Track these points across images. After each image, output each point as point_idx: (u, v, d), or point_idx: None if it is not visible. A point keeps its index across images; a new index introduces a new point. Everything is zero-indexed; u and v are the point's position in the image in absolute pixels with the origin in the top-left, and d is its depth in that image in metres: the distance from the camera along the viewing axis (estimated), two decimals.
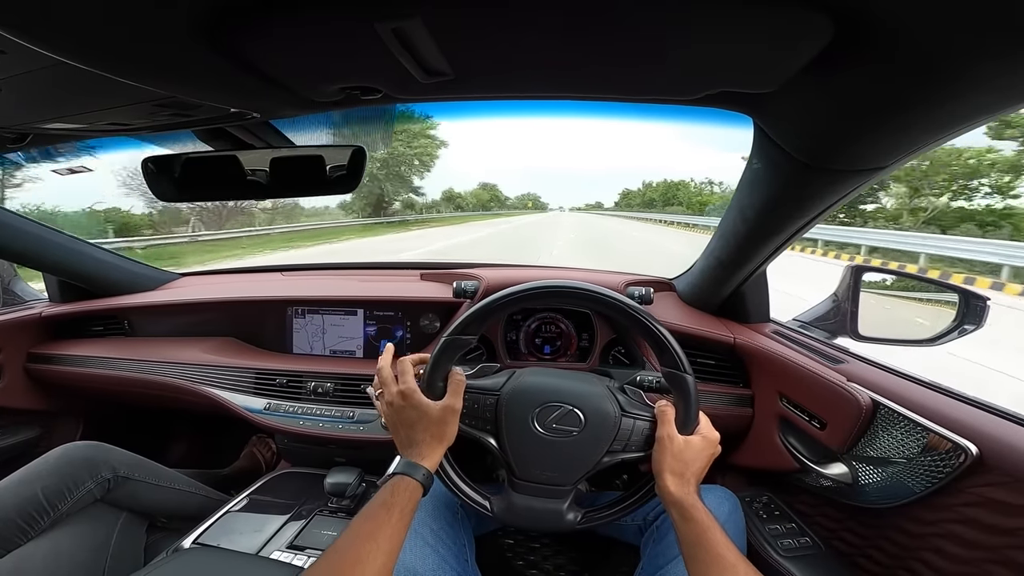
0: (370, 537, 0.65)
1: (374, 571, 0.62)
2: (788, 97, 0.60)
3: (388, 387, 0.81)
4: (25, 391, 1.59)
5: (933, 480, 0.77)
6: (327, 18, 0.48)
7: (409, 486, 0.72)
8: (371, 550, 0.63)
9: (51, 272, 1.60)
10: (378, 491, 0.72)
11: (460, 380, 0.82)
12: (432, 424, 0.77)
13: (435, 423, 0.77)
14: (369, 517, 0.68)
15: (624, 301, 0.81)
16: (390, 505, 0.69)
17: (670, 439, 0.77)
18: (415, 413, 0.78)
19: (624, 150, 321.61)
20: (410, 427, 0.78)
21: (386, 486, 0.72)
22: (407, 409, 0.78)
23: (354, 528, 0.67)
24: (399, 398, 0.78)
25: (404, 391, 0.78)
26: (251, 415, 1.34)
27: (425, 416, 0.77)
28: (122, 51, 0.51)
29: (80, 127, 0.81)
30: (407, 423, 0.78)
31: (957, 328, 1.02)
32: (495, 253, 13.66)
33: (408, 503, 0.70)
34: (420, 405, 0.78)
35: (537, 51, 0.55)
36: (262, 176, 0.89)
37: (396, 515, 0.68)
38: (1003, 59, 0.43)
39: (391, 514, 0.68)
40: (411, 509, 0.71)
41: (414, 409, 0.78)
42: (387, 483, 0.72)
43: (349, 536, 0.66)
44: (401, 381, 0.80)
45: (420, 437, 0.77)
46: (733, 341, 1.21)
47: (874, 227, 17.08)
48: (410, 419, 0.78)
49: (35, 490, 1.00)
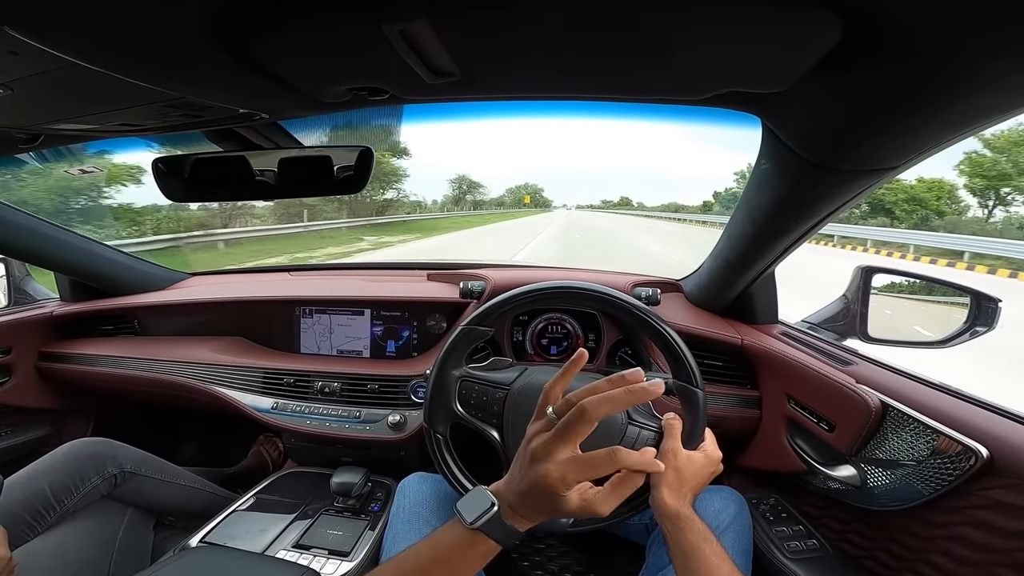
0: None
1: None
2: (797, 97, 0.60)
3: (580, 427, 0.53)
4: (36, 389, 1.61)
5: (942, 483, 0.77)
6: (335, 19, 0.48)
7: (487, 550, 0.57)
8: None
9: (62, 272, 1.62)
10: (447, 531, 0.58)
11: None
12: (557, 506, 0.55)
13: (558, 508, 0.56)
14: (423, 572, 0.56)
15: (652, 314, 0.81)
16: (453, 568, 0.56)
17: (674, 453, 0.77)
18: (543, 499, 0.55)
19: (627, 150, 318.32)
20: (541, 496, 0.55)
21: (458, 535, 0.57)
22: (539, 489, 0.55)
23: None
24: (541, 471, 0.54)
25: (551, 476, 0.54)
26: (259, 414, 1.35)
27: (545, 509, 0.57)
28: (133, 53, 0.51)
29: (92, 128, 0.82)
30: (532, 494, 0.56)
31: (969, 330, 1.01)
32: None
33: (473, 570, 0.57)
34: (557, 498, 0.54)
35: (544, 51, 0.55)
36: (270, 176, 0.90)
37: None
38: (1015, 57, 0.43)
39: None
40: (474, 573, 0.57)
41: (545, 496, 0.55)
42: (460, 532, 0.57)
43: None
44: (557, 451, 0.54)
45: (539, 507, 0.57)
46: (741, 342, 1.20)
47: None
48: (535, 497, 0.56)
49: (42, 486, 1.01)
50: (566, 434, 0.53)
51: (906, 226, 19.61)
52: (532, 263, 1.79)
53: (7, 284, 1.63)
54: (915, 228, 18.74)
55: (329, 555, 1.06)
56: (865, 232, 15.28)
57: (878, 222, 20.37)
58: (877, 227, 16.97)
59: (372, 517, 1.18)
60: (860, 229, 15.90)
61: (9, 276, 1.63)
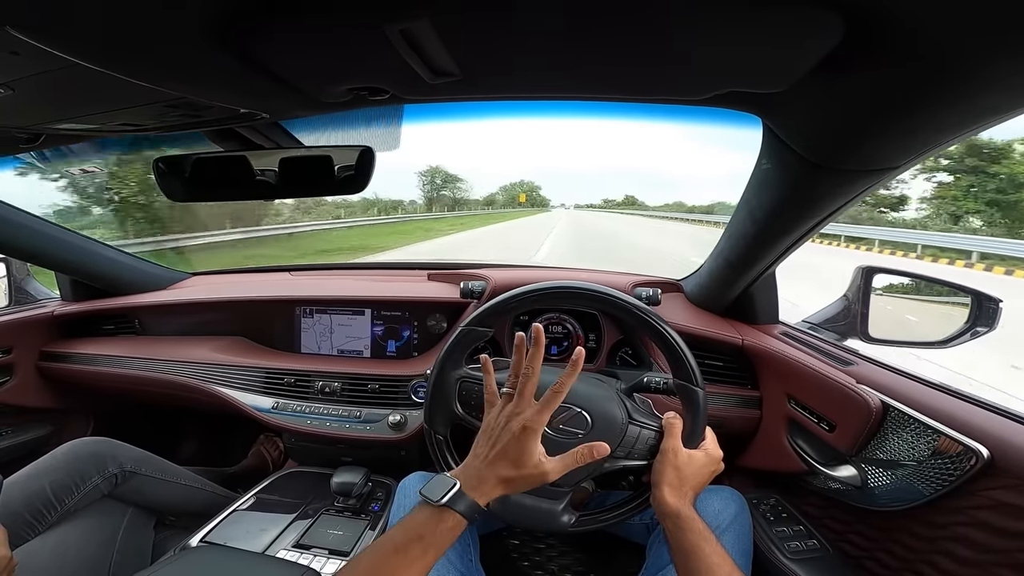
0: (392, 574, 0.58)
1: None
2: (798, 97, 0.60)
3: (524, 402, 0.68)
4: (37, 389, 1.61)
5: (943, 483, 0.77)
6: (335, 20, 0.48)
7: (455, 524, 0.62)
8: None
9: (64, 271, 1.62)
10: (418, 511, 0.64)
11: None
12: (521, 473, 0.66)
13: (523, 475, 0.66)
14: (399, 549, 0.60)
15: (652, 314, 0.81)
16: (428, 542, 0.60)
17: (674, 452, 0.78)
18: (518, 453, 0.66)
19: (624, 149, 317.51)
20: (502, 461, 0.66)
21: (429, 514, 0.63)
22: (516, 443, 0.66)
23: (380, 556, 0.60)
24: (521, 428, 0.66)
25: (533, 428, 0.66)
26: (259, 414, 1.35)
27: (523, 462, 0.66)
28: (133, 53, 0.51)
29: (92, 127, 0.82)
30: (505, 455, 0.66)
31: (969, 330, 1.01)
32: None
33: (447, 541, 0.62)
34: (531, 451, 0.66)
35: (545, 52, 0.55)
36: (271, 176, 0.90)
37: (432, 553, 0.61)
38: (1019, 57, 0.43)
39: (426, 551, 0.60)
40: (448, 546, 0.62)
41: (522, 448, 0.66)
42: (429, 511, 0.63)
43: (372, 564, 0.60)
44: (538, 408, 0.67)
45: (499, 475, 0.66)
46: (741, 342, 1.20)
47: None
48: (508, 454, 0.66)
49: (42, 485, 1.01)
50: (523, 393, 0.68)
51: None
52: (534, 263, 1.79)
53: (8, 284, 1.63)
54: None
55: (329, 555, 1.06)
56: (873, 232, 15.26)
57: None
58: (880, 227, 16.82)
59: (372, 517, 1.18)
60: (867, 229, 15.86)
61: (10, 276, 1.64)
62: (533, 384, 0.68)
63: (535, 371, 0.68)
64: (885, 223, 19.62)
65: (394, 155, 0.95)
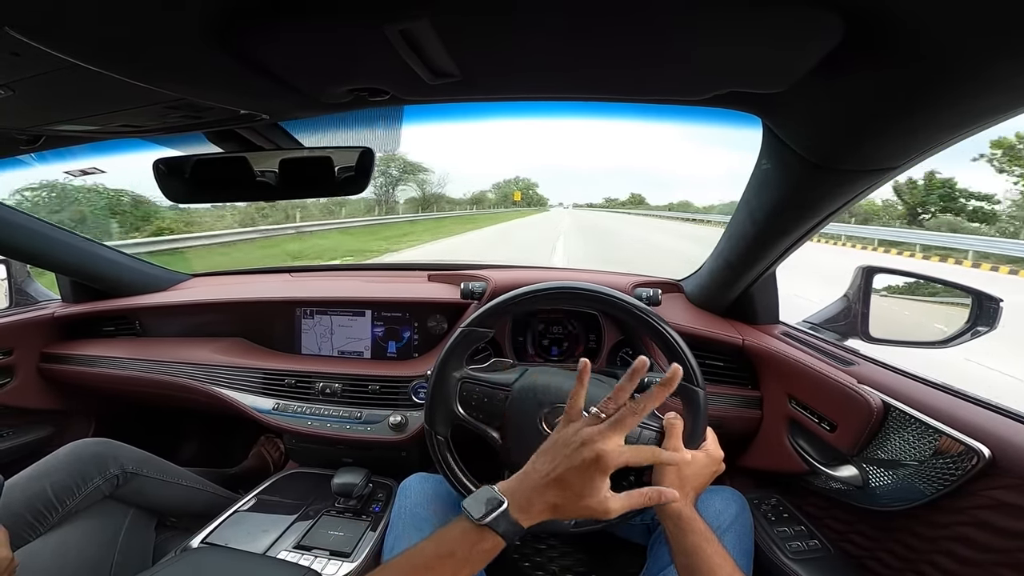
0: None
1: None
2: (798, 97, 0.60)
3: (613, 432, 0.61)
4: (38, 390, 1.61)
5: (944, 483, 0.76)
6: (336, 20, 0.48)
7: (493, 545, 0.58)
8: None
9: (64, 273, 1.62)
10: (456, 526, 0.60)
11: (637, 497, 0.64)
12: (577, 504, 0.60)
13: (579, 506, 0.60)
14: (430, 567, 0.57)
15: (653, 315, 0.81)
16: (461, 561, 0.57)
17: (674, 452, 0.77)
18: (582, 483, 0.60)
19: (623, 148, 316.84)
20: (560, 486, 0.60)
21: (467, 532, 0.59)
22: (586, 471, 0.59)
23: (407, 571, 0.58)
24: (595, 456, 0.59)
25: (607, 458, 0.59)
26: (260, 415, 1.35)
27: (585, 495, 0.60)
28: (133, 54, 0.51)
29: (93, 129, 0.82)
30: (565, 482, 0.60)
31: (970, 330, 1.01)
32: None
33: (479, 564, 0.58)
34: (598, 487, 0.60)
35: (544, 52, 0.55)
36: (271, 177, 0.90)
37: (464, 574, 0.57)
38: (1020, 58, 0.43)
39: (457, 573, 0.57)
40: (479, 570, 0.59)
41: (589, 479, 0.60)
42: (467, 527, 0.59)
43: (400, 574, 0.58)
44: (610, 437, 0.61)
45: (551, 502, 0.60)
46: (742, 343, 1.20)
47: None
48: (572, 480, 0.60)
49: (44, 486, 1.01)
50: (619, 425, 0.61)
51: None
52: (534, 264, 1.79)
53: (8, 285, 1.64)
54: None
55: (330, 556, 1.06)
56: (873, 232, 15.24)
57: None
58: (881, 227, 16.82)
59: (373, 518, 1.18)
60: (872, 230, 15.85)
61: (10, 277, 1.64)
62: (635, 421, 0.62)
63: (644, 410, 0.62)
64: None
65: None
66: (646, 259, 11.72)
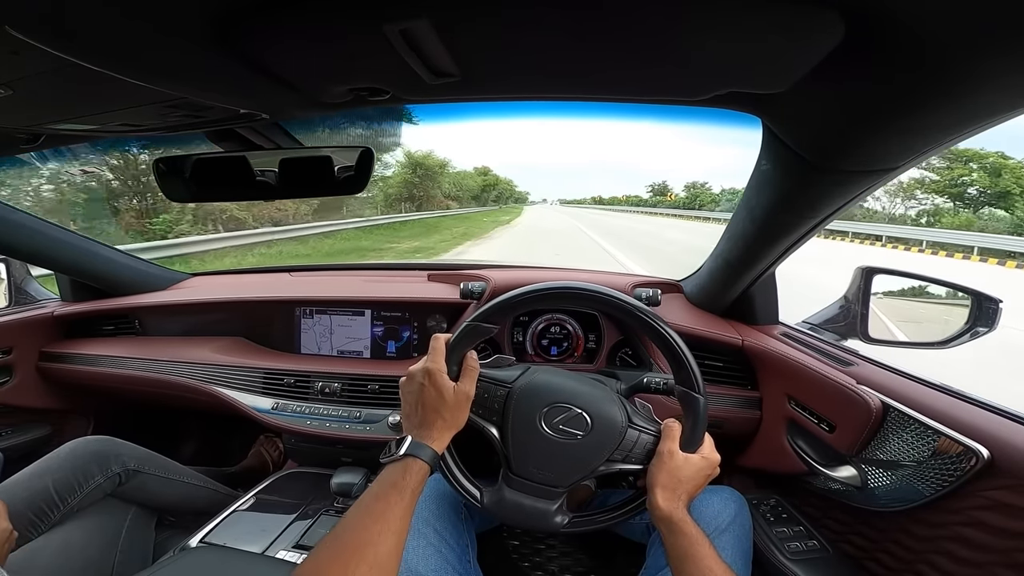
0: (380, 517, 0.64)
1: (386, 552, 0.61)
2: (797, 98, 0.60)
3: (427, 358, 0.80)
4: (37, 389, 1.61)
5: (943, 483, 0.77)
6: (336, 20, 0.48)
7: (420, 468, 0.70)
8: (381, 531, 0.62)
9: (63, 272, 1.62)
10: (385, 470, 0.70)
11: (474, 367, 0.82)
12: (447, 408, 0.76)
13: (450, 408, 0.76)
14: (379, 497, 0.66)
15: (653, 315, 0.81)
16: (402, 487, 0.67)
17: (670, 455, 0.78)
18: (434, 394, 0.76)
19: (599, 143, 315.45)
20: (426, 408, 0.76)
21: (395, 466, 0.70)
22: (428, 389, 0.76)
23: (363, 508, 0.65)
24: (424, 375, 0.77)
25: (431, 369, 0.77)
26: (259, 415, 1.35)
27: (442, 399, 0.76)
28: (133, 53, 0.51)
29: (93, 128, 0.82)
30: (425, 403, 0.76)
31: (970, 330, 1.00)
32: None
33: (418, 485, 0.69)
34: (442, 387, 0.76)
35: (544, 52, 0.55)
36: (271, 177, 0.90)
37: (408, 496, 0.67)
38: (1014, 56, 0.43)
39: (403, 496, 0.66)
40: (420, 490, 0.70)
41: (434, 389, 0.76)
42: (397, 463, 0.70)
43: (358, 516, 0.64)
44: (431, 359, 0.79)
45: (433, 419, 0.75)
46: (741, 343, 1.20)
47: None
48: (429, 399, 0.76)
49: (46, 483, 1.01)
50: (433, 354, 0.80)
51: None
52: (534, 264, 1.79)
53: (8, 284, 1.63)
54: None
55: None
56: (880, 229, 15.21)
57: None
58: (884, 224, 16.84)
59: None
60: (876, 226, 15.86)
61: (10, 276, 1.64)
62: (438, 345, 0.80)
63: (438, 338, 0.81)
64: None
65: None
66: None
